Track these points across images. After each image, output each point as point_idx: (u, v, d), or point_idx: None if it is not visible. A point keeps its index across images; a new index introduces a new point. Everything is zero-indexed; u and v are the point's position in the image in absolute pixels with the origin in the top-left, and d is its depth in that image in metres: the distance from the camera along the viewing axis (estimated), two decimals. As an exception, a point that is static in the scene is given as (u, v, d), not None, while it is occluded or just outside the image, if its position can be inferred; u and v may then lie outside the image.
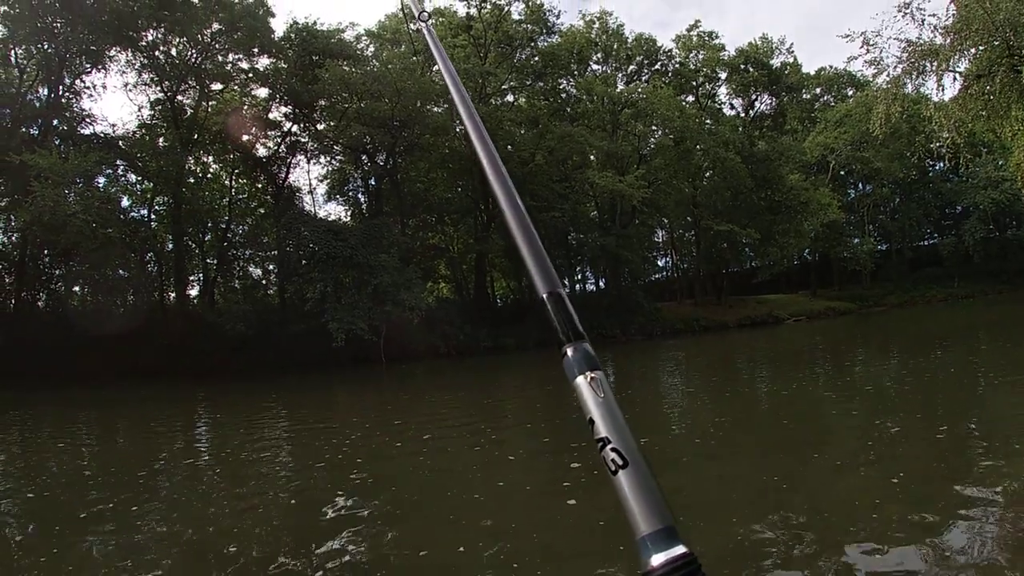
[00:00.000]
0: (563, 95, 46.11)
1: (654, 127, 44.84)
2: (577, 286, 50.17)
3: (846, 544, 4.85)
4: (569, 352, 0.79)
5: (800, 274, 59.93)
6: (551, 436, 10.66)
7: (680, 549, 0.60)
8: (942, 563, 4.38)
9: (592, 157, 42.46)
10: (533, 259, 0.91)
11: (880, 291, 55.91)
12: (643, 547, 0.62)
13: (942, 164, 52.90)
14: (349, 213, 43.46)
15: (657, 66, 50.27)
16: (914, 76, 21.51)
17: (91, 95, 32.58)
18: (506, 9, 41.11)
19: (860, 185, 61.19)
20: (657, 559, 0.60)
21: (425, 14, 1.60)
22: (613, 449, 0.67)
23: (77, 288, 34.83)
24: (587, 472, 7.33)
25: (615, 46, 48.21)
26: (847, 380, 16.07)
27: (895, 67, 21.62)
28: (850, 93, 60.08)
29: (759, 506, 5.99)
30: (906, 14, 20.73)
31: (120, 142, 32.65)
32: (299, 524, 6.25)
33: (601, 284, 46.82)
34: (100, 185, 30.34)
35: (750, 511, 5.92)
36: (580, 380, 0.75)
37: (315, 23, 34.86)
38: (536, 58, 43.30)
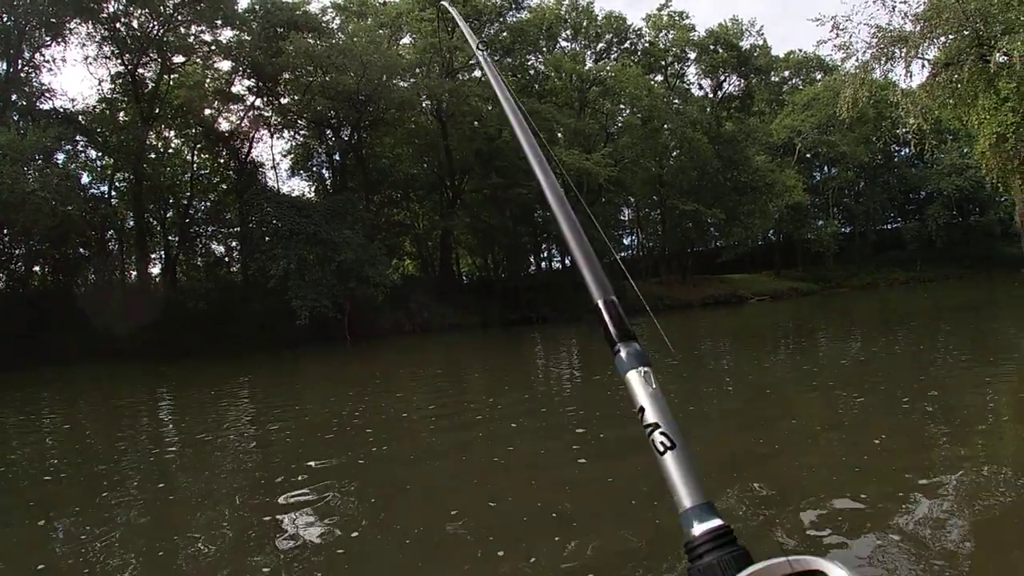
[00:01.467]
0: (531, 72, 45.90)
1: (622, 106, 44.80)
2: (543, 263, 50.13)
3: (807, 520, 4.85)
4: (622, 351, 0.87)
5: (764, 255, 60.50)
6: (526, 415, 10.59)
7: (717, 521, 0.68)
8: (904, 538, 4.39)
9: (559, 135, 42.30)
10: (589, 269, 1.02)
11: (843, 273, 56.72)
12: (685, 519, 0.70)
13: (907, 150, 53.41)
14: (313, 189, 42.96)
15: (626, 45, 50.12)
16: (883, 62, 21.59)
17: (51, 69, 31.84)
18: (476, -18, 40.70)
19: (826, 168, 61.80)
20: (698, 529, 0.68)
21: (482, 44, 1.66)
22: (662, 433, 0.74)
23: (37, 268, 33.98)
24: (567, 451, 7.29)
25: (584, 23, 47.94)
26: (810, 359, 16.25)
27: (864, 52, 21.68)
28: (818, 77, 60.58)
29: (721, 480, 5.99)
30: (877, 0, 20.81)
31: (80, 117, 31.91)
32: (264, 509, 6.10)
33: (567, 262, 46.76)
34: (59, 162, 29.45)
35: (714, 486, 5.92)
36: (632, 374, 0.83)
37: (280, -6, 34.17)
38: (504, 33, 42.95)
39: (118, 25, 31.24)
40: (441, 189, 42.19)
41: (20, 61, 30.25)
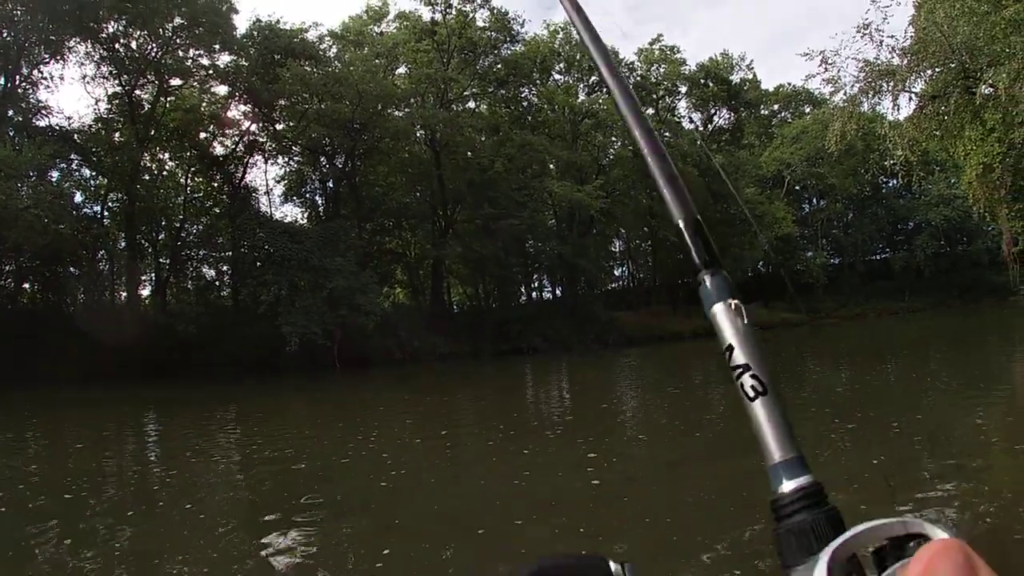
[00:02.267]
0: (524, 103, 46.46)
1: (613, 138, 45.31)
2: (534, 294, 50.28)
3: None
4: (707, 279, 0.79)
5: (754, 286, 60.78)
6: (516, 447, 10.67)
7: (809, 478, 0.63)
8: None
9: (551, 166, 42.71)
10: (668, 184, 0.89)
11: (833, 303, 57.03)
12: (774, 474, 0.65)
13: (895, 181, 54.15)
14: (306, 215, 42.95)
15: (618, 78, 50.64)
16: (870, 95, 21.90)
17: (48, 86, 31.78)
18: (471, 15, 41.26)
19: (814, 200, 62.53)
20: (788, 486, 0.64)
21: None
22: (753, 375, 0.69)
23: (27, 285, 33.86)
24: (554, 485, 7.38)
25: (578, 57, 48.44)
26: (799, 390, 16.44)
27: (852, 86, 21.97)
28: (807, 110, 61.36)
29: (714, 512, 6.14)
30: (865, 35, 21.10)
31: (76, 136, 31.91)
32: (249, 542, 6.17)
33: (558, 292, 47.04)
34: (53, 179, 29.48)
35: (694, 517, 6.09)
36: (719, 306, 0.75)
37: (278, 21, 34.53)
38: (499, 66, 43.51)
39: (117, 46, 31.46)
40: (433, 218, 42.34)
41: (18, 77, 30.34)
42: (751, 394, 0.68)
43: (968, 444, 8.14)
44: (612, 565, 0.66)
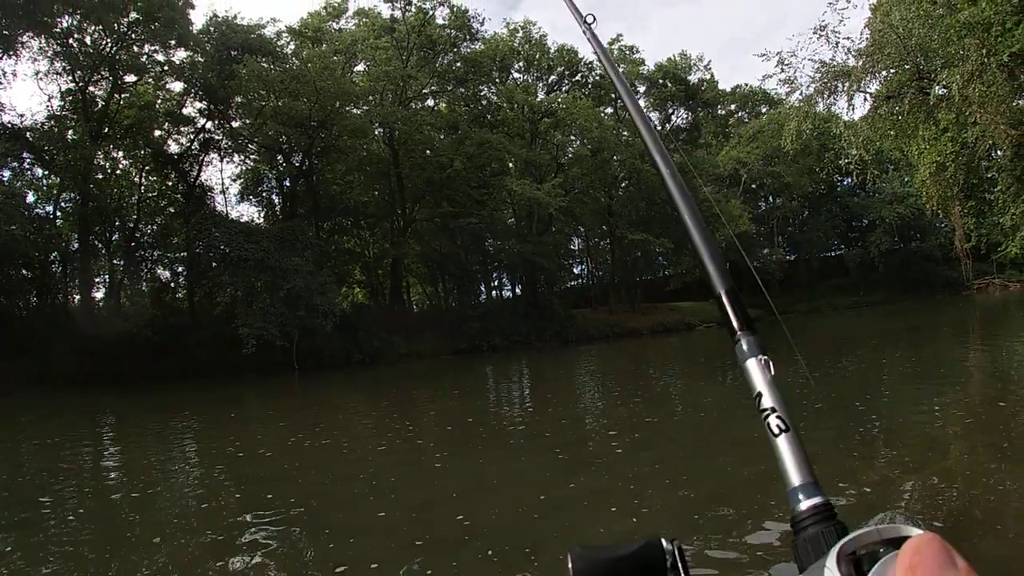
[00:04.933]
0: (484, 102, 46.39)
1: (572, 137, 45.52)
2: (494, 292, 50.34)
3: (757, 532, 5.17)
4: (743, 340, 0.93)
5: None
6: (472, 446, 10.73)
7: (820, 498, 0.73)
8: None
9: (511, 164, 42.75)
10: (712, 260, 1.06)
11: (788, 299, 57.94)
12: (792, 496, 0.75)
13: (850, 180, 55.21)
14: (262, 214, 42.54)
15: (577, 77, 51.00)
16: (826, 95, 22.34)
17: (0, 83, 31.02)
18: (430, 13, 41.13)
19: (771, 198, 63.53)
20: (804, 504, 0.74)
21: (591, 17, 1.74)
22: (778, 416, 0.81)
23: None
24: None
25: (537, 56, 48.64)
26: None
27: (808, 86, 22.42)
28: (764, 110, 62.14)
29: (669, 498, 6.29)
30: (821, 36, 21.52)
31: (28, 133, 30.95)
32: (211, 547, 6.16)
33: (517, 291, 47.14)
34: (4, 179, 28.81)
35: (658, 503, 6.26)
36: (752, 361, 0.88)
37: (235, 17, 34.08)
38: (458, 64, 43.44)
39: (71, 41, 30.65)
40: (392, 217, 42.09)
41: (-31, 73, 29.58)
42: (776, 431, 0.80)
43: (925, 437, 8.42)
44: (664, 543, 0.79)
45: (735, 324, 0.97)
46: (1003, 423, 8.95)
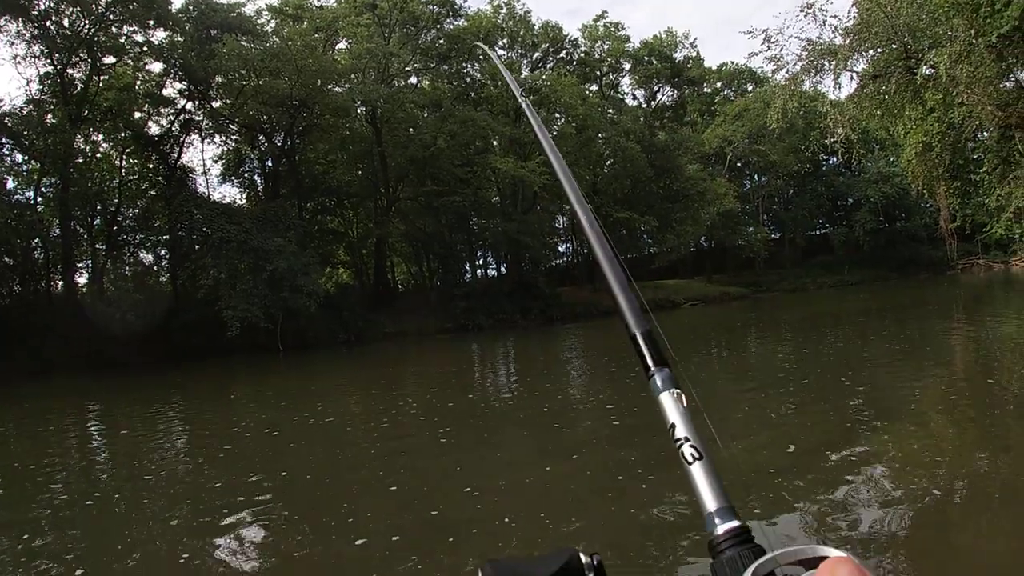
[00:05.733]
0: (467, 79, 46.04)
1: (557, 114, 45.24)
2: (478, 271, 50.27)
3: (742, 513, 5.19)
4: (656, 376, 0.95)
5: (696, 260, 61.77)
6: (459, 427, 10.74)
7: (736, 522, 0.75)
8: (833, 525, 4.81)
9: (495, 143, 42.55)
10: (626, 301, 1.08)
11: (773, 277, 58.30)
12: (709, 520, 0.77)
13: (835, 159, 55.54)
14: (245, 196, 42.27)
15: (562, 54, 50.73)
16: (812, 74, 22.33)
17: (-23, 68, 30.54)
18: (413, -11, 40.72)
19: (756, 176, 63.57)
20: (720, 529, 0.76)
21: (525, 92, 1.83)
22: (691, 446, 0.82)
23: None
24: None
25: (521, 32, 48.29)
26: (742, 360, 16.89)
27: (794, 64, 22.37)
28: (750, 88, 62.16)
29: (656, 485, 6.33)
30: (808, 14, 21.45)
31: (6, 119, 30.41)
32: (203, 531, 6.14)
33: (503, 269, 47.09)
34: (-16, 166, 28.54)
35: (649, 490, 6.27)
36: (665, 395, 0.91)
37: (215, -5, 33.66)
38: (441, 40, 43.10)
39: (48, 23, 30.16)
40: (375, 196, 41.81)
41: (-54, 59, 29.11)
42: (690, 459, 0.82)
43: (906, 420, 8.48)
44: (583, 557, 0.79)
45: (649, 362, 0.99)
46: (987, 399, 9.06)
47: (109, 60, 33.10)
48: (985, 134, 21.85)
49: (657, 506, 5.72)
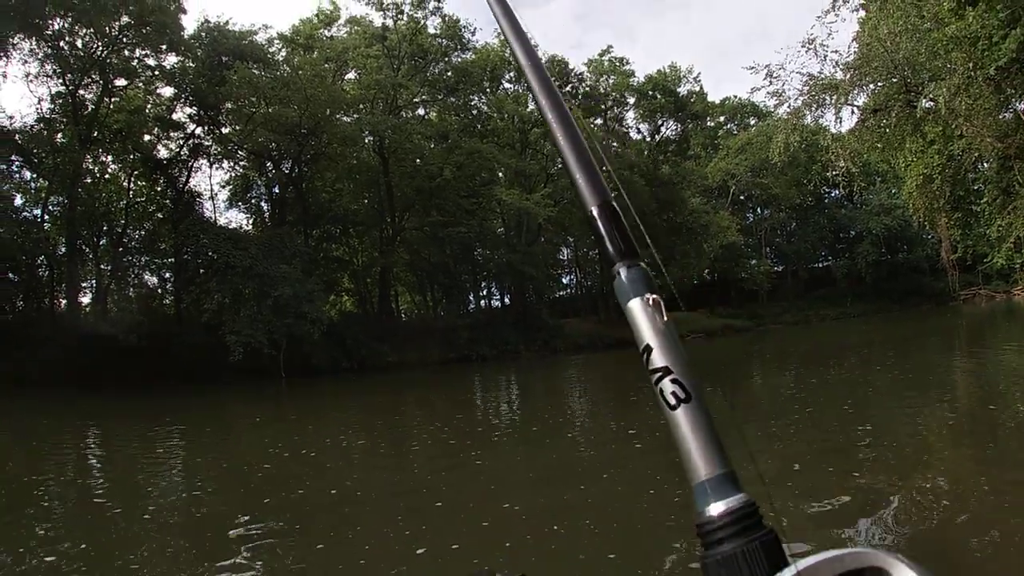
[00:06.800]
0: (474, 111, 46.47)
1: (562, 147, 45.55)
2: (482, 302, 50.33)
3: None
4: (622, 272, 0.75)
5: (699, 293, 61.81)
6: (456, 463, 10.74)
7: (742, 497, 0.58)
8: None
9: (500, 174, 42.83)
10: (580, 165, 0.85)
11: (776, 309, 58.32)
12: (700, 494, 0.59)
13: (837, 191, 55.69)
14: (251, 221, 42.51)
15: (568, 88, 51.06)
16: (814, 108, 22.43)
17: (-10, 85, 30.79)
18: (422, 22, 41.32)
19: (759, 209, 63.92)
20: (716, 508, 0.58)
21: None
22: (674, 380, 0.63)
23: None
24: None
25: (529, 66, 48.62)
26: (745, 391, 16.89)
27: (796, 99, 22.48)
28: (752, 122, 62.65)
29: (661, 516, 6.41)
30: (809, 50, 21.61)
31: (17, 136, 30.71)
32: (200, 551, 6.16)
33: (506, 300, 47.14)
34: (-8, 182, 28.74)
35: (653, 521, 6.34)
36: (635, 302, 0.71)
37: (227, 23, 34.20)
38: (449, 73, 43.63)
39: (62, 43, 30.53)
40: (381, 225, 41.99)
41: (-40, 75, 29.38)
42: (672, 401, 0.62)
43: (910, 448, 8.51)
44: None
45: (611, 250, 0.77)
46: (990, 428, 9.09)
47: (120, 82, 33.48)
48: (985, 165, 22.00)
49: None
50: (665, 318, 0.69)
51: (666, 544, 5.67)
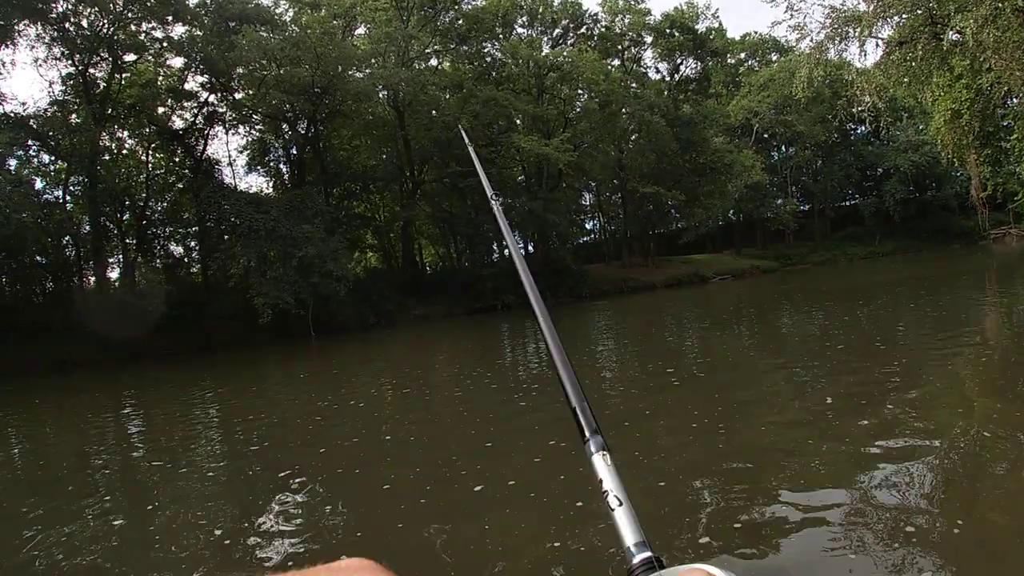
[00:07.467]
0: (488, 59, 45.65)
1: (580, 91, 44.90)
2: (505, 251, 50.06)
3: (775, 489, 5.06)
4: (591, 441, 1.01)
5: (725, 234, 61.24)
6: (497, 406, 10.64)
7: (648, 553, 0.81)
8: (862, 498, 4.62)
9: (518, 121, 42.24)
10: (567, 378, 1.12)
11: (803, 250, 57.80)
12: (628, 553, 0.83)
13: (863, 128, 54.78)
14: (271, 184, 42.65)
15: (583, 30, 50.24)
16: (837, 42, 21.78)
17: (0, 73, 30.73)
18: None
19: (783, 148, 62.87)
20: (636, 559, 0.81)
21: (496, 195, 1.93)
22: (615, 496, 0.90)
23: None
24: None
25: (540, 10, 47.88)
26: (772, 333, 16.62)
27: (818, 32, 21.82)
28: (774, 58, 61.34)
29: (692, 457, 6.30)
30: (831, -21, 20.96)
31: (32, 121, 30.62)
32: (247, 521, 6.06)
33: (530, 248, 46.84)
34: (12, 168, 28.61)
35: (684, 461, 6.23)
36: (597, 456, 0.98)
37: (232, -12, 33.67)
38: (460, 21, 42.94)
39: (67, 25, 30.29)
40: (401, 180, 41.88)
41: (-32, 66, 29.36)
42: (613, 506, 0.89)
43: (938, 387, 8.24)
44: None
45: (586, 431, 1.05)
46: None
47: (130, 58, 33.34)
48: (1014, 100, 21.31)
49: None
50: (610, 464, 0.97)
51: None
